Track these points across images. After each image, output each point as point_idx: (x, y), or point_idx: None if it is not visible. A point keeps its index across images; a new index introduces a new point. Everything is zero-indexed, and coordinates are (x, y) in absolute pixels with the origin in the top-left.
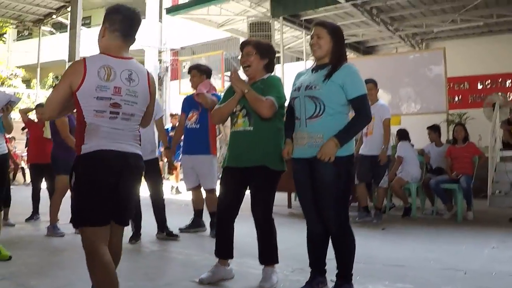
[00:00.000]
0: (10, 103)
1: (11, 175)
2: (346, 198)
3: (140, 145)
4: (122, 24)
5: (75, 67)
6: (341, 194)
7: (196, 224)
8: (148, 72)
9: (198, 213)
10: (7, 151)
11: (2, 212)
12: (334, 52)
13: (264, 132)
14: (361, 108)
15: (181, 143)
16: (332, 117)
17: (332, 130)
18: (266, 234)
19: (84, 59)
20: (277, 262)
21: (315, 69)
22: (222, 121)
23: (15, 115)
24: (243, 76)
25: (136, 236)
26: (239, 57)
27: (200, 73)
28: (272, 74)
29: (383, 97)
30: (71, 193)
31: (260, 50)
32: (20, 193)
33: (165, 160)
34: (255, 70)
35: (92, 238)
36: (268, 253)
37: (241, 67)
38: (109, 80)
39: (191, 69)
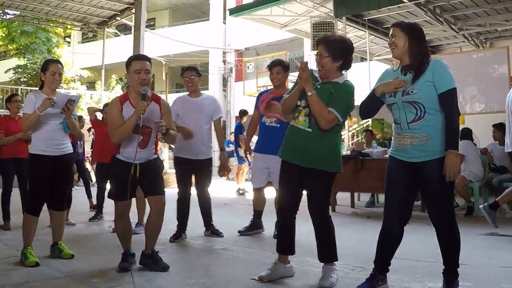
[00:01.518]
0: (70, 102)
1: (75, 177)
2: (452, 195)
3: None
4: None
5: None
6: (448, 191)
7: (255, 226)
8: None
9: (258, 214)
10: (72, 150)
11: (65, 212)
12: (411, 50)
13: (322, 136)
14: (449, 103)
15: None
16: (434, 116)
17: (436, 128)
18: (323, 232)
19: None
20: (336, 259)
21: (403, 71)
22: (289, 113)
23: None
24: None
25: (177, 234)
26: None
27: (285, 70)
28: (346, 78)
29: None
30: None
31: (332, 53)
32: (85, 194)
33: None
34: (326, 71)
35: None
36: (326, 251)
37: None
38: None
39: (274, 65)
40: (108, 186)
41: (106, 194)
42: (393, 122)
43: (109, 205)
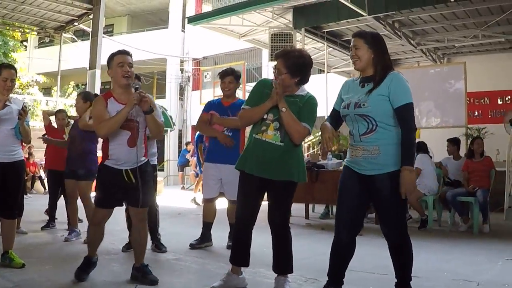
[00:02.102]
0: (24, 109)
1: (28, 184)
2: (405, 209)
3: None
4: None
5: None
6: (400, 205)
7: (206, 239)
8: None
9: (208, 226)
10: (23, 157)
11: (16, 220)
12: (375, 62)
13: (294, 149)
14: (405, 118)
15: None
16: (385, 130)
17: (387, 142)
18: (282, 242)
19: None
20: (291, 271)
21: (361, 82)
22: (249, 125)
23: (34, 123)
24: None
25: (130, 244)
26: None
27: (237, 79)
28: (306, 89)
29: None
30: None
31: (291, 70)
32: (38, 201)
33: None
34: (286, 87)
35: None
36: (283, 262)
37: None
38: None
39: (226, 75)
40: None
41: (58, 201)
42: (348, 133)
43: (61, 213)
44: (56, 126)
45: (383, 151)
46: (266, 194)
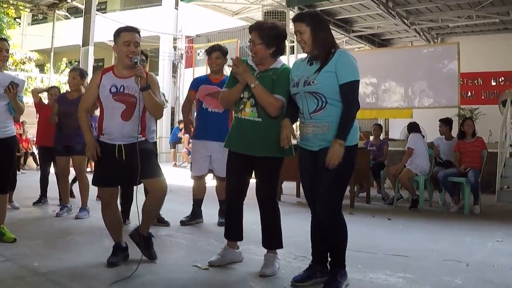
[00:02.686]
0: (12, 84)
1: (21, 160)
2: (343, 188)
3: None
4: None
5: None
6: (338, 183)
7: (197, 215)
8: None
9: (198, 203)
10: (15, 133)
11: (7, 195)
12: (315, 42)
13: (273, 123)
14: (348, 95)
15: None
16: (335, 107)
17: (337, 119)
18: (270, 217)
19: None
20: (281, 247)
21: (310, 61)
22: (230, 107)
23: (27, 99)
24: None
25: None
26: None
27: (224, 55)
28: (284, 60)
29: (396, 90)
30: None
31: (265, 40)
32: (31, 177)
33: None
34: (260, 58)
35: None
36: (272, 237)
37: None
38: None
39: (213, 50)
40: (51, 169)
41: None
42: (298, 111)
43: (53, 190)
44: (46, 103)
45: (332, 127)
46: (254, 172)
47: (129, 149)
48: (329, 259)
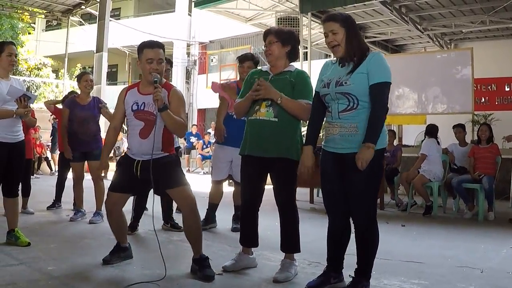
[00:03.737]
0: (24, 97)
1: (35, 165)
2: (376, 192)
3: None
4: None
5: None
6: (372, 188)
7: (211, 220)
8: None
9: (213, 208)
10: (23, 138)
11: (21, 200)
12: (350, 44)
13: (289, 123)
14: (377, 96)
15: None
16: (366, 109)
17: (366, 122)
18: (290, 220)
19: None
20: (299, 251)
21: (341, 62)
22: (244, 115)
23: (40, 104)
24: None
25: (133, 226)
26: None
27: (255, 65)
28: (296, 66)
29: (410, 96)
30: None
31: (281, 38)
32: (45, 182)
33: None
34: (276, 57)
35: None
36: (290, 240)
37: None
38: None
39: (246, 59)
40: (69, 175)
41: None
42: (327, 111)
43: (66, 194)
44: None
45: (361, 130)
46: (270, 177)
47: (146, 166)
48: (343, 266)
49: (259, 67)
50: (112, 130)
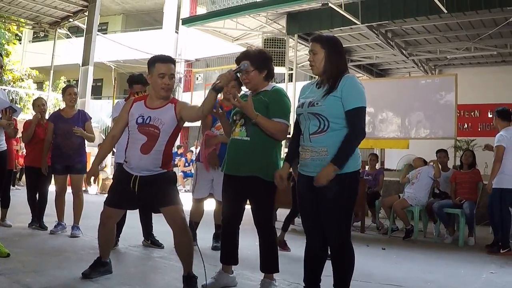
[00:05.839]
0: (10, 109)
1: (17, 176)
2: (349, 215)
3: None
4: None
5: None
6: (343, 210)
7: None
8: None
9: (194, 226)
10: (5, 148)
11: (0, 212)
12: (329, 65)
13: (261, 143)
14: (355, 121)
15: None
16: (337, 132)
17: (337, 145)
18: (267, 241)
19: None
20: (277, 271)
21: (318, 84)
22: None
23: (25, 116)
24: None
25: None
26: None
27: (239, 85)
28: (274, 84)
29: (393, 120)
30: None
31: (256, 64)
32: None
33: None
34: (255, 85)
35: None
36: (269, 261)
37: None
38: None
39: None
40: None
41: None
42: (301, 133)
43: (47, 206)
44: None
45: (331, 153)
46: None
47: (144, 182)
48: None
49: (242, 91)
50: (110, 138)
